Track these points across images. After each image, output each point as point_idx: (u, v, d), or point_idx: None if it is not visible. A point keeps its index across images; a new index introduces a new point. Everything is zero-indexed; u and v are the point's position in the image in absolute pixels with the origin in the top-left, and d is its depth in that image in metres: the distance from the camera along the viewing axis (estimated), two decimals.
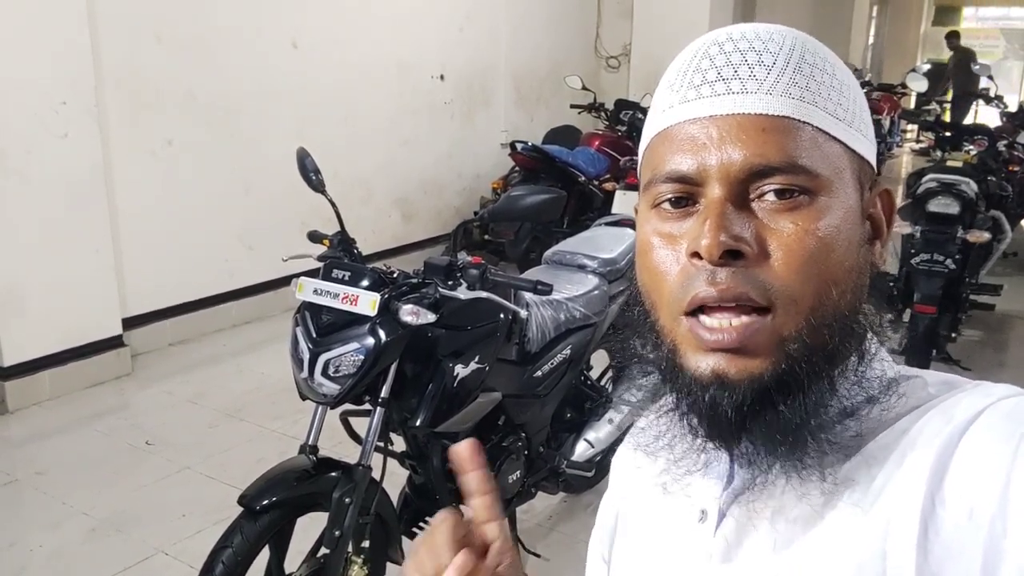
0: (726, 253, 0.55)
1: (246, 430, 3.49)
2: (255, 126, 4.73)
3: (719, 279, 0.56)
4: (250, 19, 4.64)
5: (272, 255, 4.26)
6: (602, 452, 2.66)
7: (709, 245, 0.55)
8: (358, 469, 1.92)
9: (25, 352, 3.67)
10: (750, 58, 0.59)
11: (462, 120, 6.50)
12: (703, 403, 0.58)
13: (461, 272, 2.00)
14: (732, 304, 0.56)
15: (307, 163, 2.10)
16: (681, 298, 0.58)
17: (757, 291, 0.56)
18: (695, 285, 0.57)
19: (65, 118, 3.67)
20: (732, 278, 0.56)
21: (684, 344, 0.59)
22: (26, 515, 2.89)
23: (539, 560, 2.55)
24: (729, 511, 0.63)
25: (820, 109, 0.58)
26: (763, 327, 0.56)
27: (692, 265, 0.57)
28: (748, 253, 0.56)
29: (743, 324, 0.56)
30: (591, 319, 2.51)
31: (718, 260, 0.55)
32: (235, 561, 1.77)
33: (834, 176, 0.58)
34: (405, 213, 6.04)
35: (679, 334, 0.59)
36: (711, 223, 0.56)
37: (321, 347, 1.86)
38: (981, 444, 0.53)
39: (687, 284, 0.57)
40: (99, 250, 3.90)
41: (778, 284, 0.56)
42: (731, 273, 0.56)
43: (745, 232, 0.56)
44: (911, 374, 0.63)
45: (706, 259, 0.56)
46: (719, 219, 0.56)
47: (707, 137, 0.58)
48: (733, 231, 0.56)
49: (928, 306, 3.70)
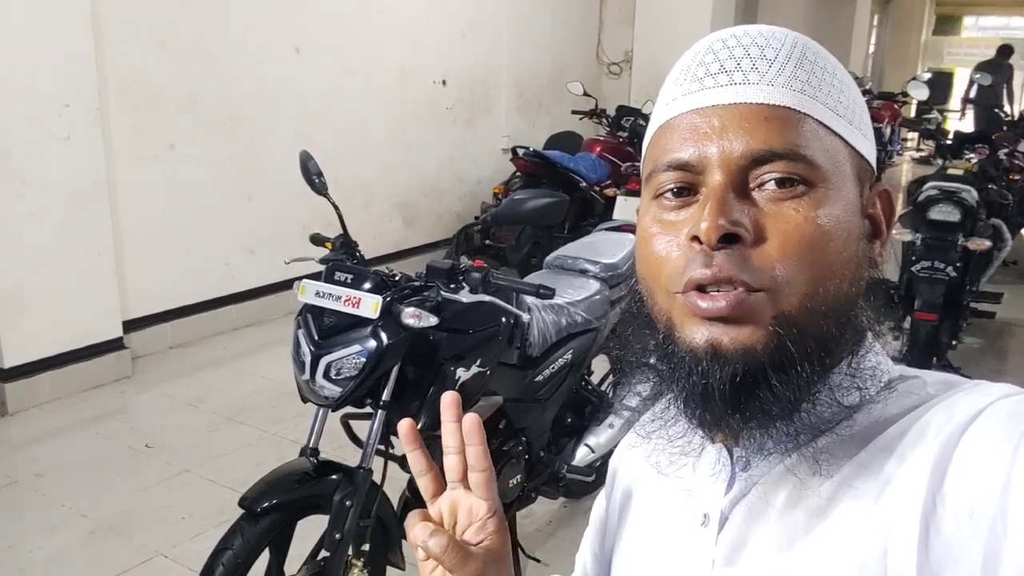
0: (724, 237, 0.56)
1: (246, 434, 3.48)
2: (257, 131, 4.75)
3: (716, 263, 0.56)
4: (253, 25, 4.65)
5: (273, 259, 4.26)
6: (602, 457, 2.66)
7: (708, 228, 0.56)
8: (359, 472, 1.92)
9: (26, 354, 3.67)
10: (752, 52, 0.60)
11: (464, 125, 6.51)
12: (697, 376, 0.58)
13: (463, 275, 2.00)
14: (728, 287, 0.56)
15: (310, 166, 2.10)
16: (678, 279, 0.58)
17: (751, 275, 0.56)
18: (691, 267, 0.57)
19: (68, 121, 3.68)
20: (727, 261, 0.56)
21: (680, 316, 0.59)
22: (25, 517, 2.89)
23: (539, 565, 2.55)
24: (731, 515, 0.63)
25: (821, 103, 0.59)
26: (756, 300, 0.56)
27: (690, 248, 0.58)
28: (745, 237, 0.56)
29: (734, 293, 0.56)
30: (592, 324, 2.52)
31: (716, 244, 0.56)
32: (235, 563, 1.77)
33: (834, 168, 0.59)
34: (406, 218, 6.05)
35: (675, 308, 0.59)
36: (711, 207, 0.57)
37: (323, 349, 1.86)
38: (981, 443, 0.53)
39: (684, 267, 0.58)
40: (100, 253, 3.91)
41: (773, 269, 0.56)
42: (727, 256, 0.56)
43: (744, 218, 0.57)
44: (910, 374, 0.64)
45: (704, 243, 0.56)
46: (719, 204, 0.57)
47: (709, 126, 0.59)
48: (732, 216, 0.56)
49: (929, 313, 3.70)
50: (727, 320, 0.57)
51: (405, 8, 5.73)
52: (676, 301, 0.59)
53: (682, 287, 0.58)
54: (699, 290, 0.57)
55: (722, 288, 0.56)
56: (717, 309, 0.56)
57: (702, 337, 0.58)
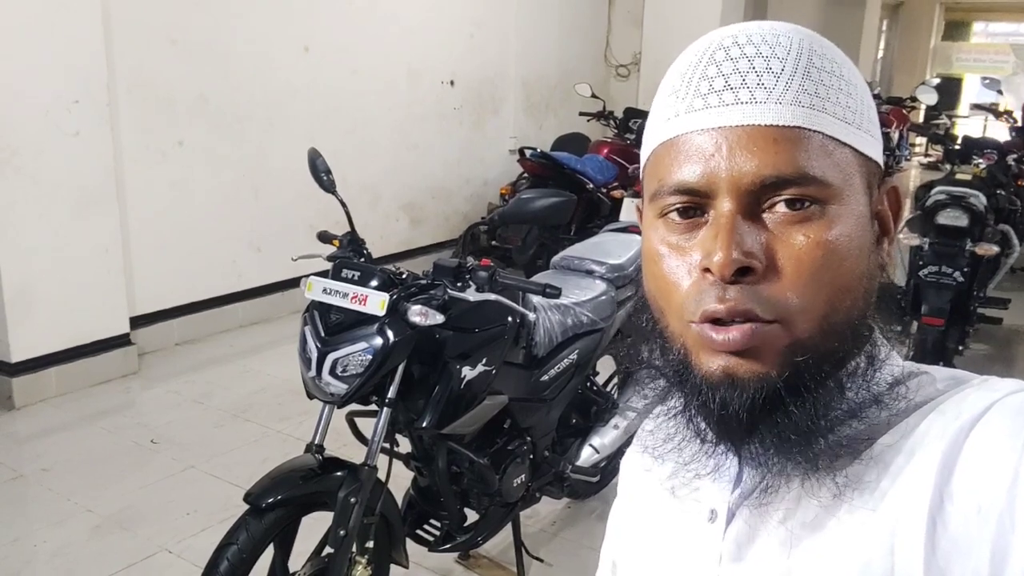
0: (738, 270, 0.55)
1: (251, 431, 3.49)
2: (265, 129, 4.76)
3: (728, 296, 0.56)
4: (262, 24, 4.67)
5: (280, 257, 4.27)
6: (607, 458, 2.66)
7: (721, 264, 0.55)
8: (364, 469, 1.92)
9: (33, 349, 3.69)
10: (758, 64, 0.58)
11: (471, 126, 6.52)
12: (713, 404, 0.58)
13: (470, 274, 2.00)
14: (740, 320, 0.56)
15: (318, 164, 2.11)
16: (692, 310, 0.58)
17: (764, 308, 0.56)
18: (705, 300, 0.57)
19: (77, 117, 3.69)
20: (741, 295, 0.56)
21: (695, 346, 0.59)
22: (31, 511, 2.90)
23: (542, 565, 2.55)
24: (739, 511, 0.64)
25: (830, 115, 0.58)
26: (769, 333, 0.56)
27: (704, 279, 0.57)
28: (758, 269, 0.56)
29: (748, 328, 0.56)
30: (598, 324, 2.51)
31: (730, 278, 0.56)
32: (240, 558, 1.77)
33: (844, 184, 0.58)
34: (413, 218, 6.06)
35: (689, 337, 0.59)
36: (723, 239, 0.56)
37: (329, 346, 1.86)
38: (989, 439, 0.53)
39: (698, 298, 0.57)
40: (108, 249, 3.92)
41: (787, 300, 0.56)
42: (739, 290, 0.56)
43: (756, 246, 0.56)
44: (919, 371, 0.63)
45: (718, 276, 0.56)
46: (731, 235, 0.56)
47: (716, 148, 0.57)
48: (744, 246, 0.56)
49: (936, 318, 3.68)
50: (741, 353, 0.57)
51: (413, 9, 5.74)
52: (690, 330, 0.59)
53: (697, 318, 0.58)
54: (713, 322, 0.57)
55: (736, 320, 0.56)
56: (733, 343, 0.56)
57: (718, 367, 0.58)
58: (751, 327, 0.56)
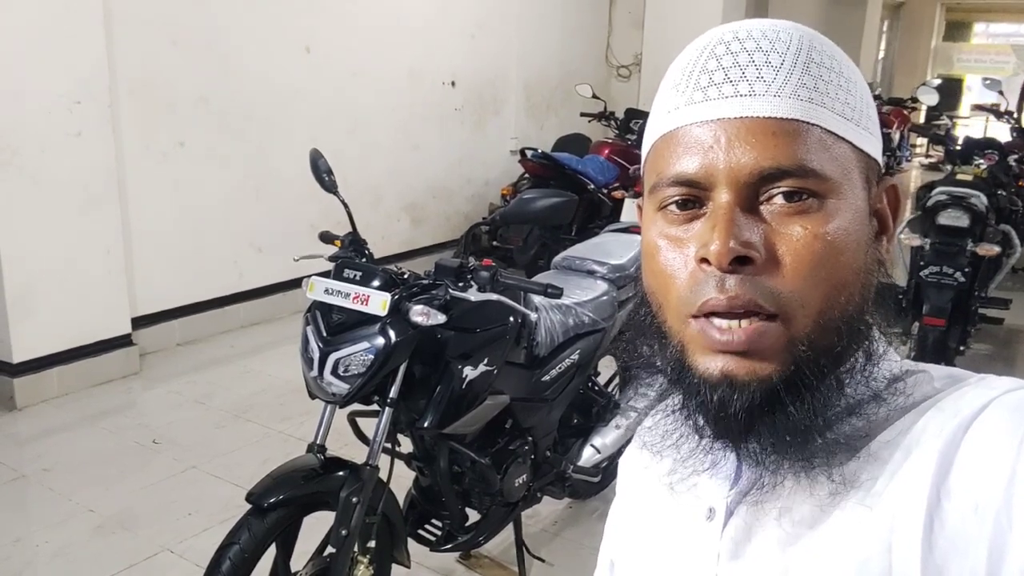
0: (735, 259, 0.55)
1: (253, 431, 3.50)
2: (266, 130, 4.77)
3: (728, 286, 0.56)
4: (264, 24, 4.67)
5: (281, 258, 4.28)
6: (608, 458, 2.66)
7: (719, 252, 0.55)
8: (366, 469, 1.92)
9: (35, 349, 3.69)
10: (757, 58, 0.58)
11: (472, 127, 6.52)
12: (712, 403, 0.58)
13: (472, 274, 2.00)
14: (741, 311, 0.56)
15: (320, 164, 2.11)
16: (691, 302, 0.58)
17: (765, 298, 0.56)
18: (705, 291, 0.57)
19: (79, 117, 3.70)
20: (741, 285, 0.55)
21: (693, 345, 0.59)
22: (32, 511, 2.90)
23: (543, 565, 2.55)
24: (737, 509, 0.64)
25: (828, 110, 0.58)
26: (771, 331, 0.56)
27: (701, 270, 0.57)
28: (757, 259, 0.56)
29: (752, 328, 0.56)
30: (600, 324, 2.52)
31: (727, 267, 0.55)
32: (242, 558, 1.77)
33: (843, 178, 0.58)
34: (414, 218, 6.06)
35: (688, 335, 0.59)
36: (720, 229, 0.56)
37: (331, 346, 1.87)
38: (986, 438, 0.53)
39: (696, 289, 0.57)
40: (110, 250, 3.93)
41: (787, 290, 0.56)
42: (740, 280, 0.56)
43: (754, 237, 0.56)
44: (916, 368, 0.64)
45: (715, 266, 0.56)
46: (729, 225, 0.56)
47: (714, 140, 0.57)
48: (742, 237, 0.55)
49: (937, 318, 3.69)
50: (741, 353, 0.57)
51: (415, 9, 5.75)
52: (689, 327, 0.58)
53: (695, 310, 0.57)
54: (714, 314, 0.57)
55: (736, 314, 0.56)
56: (736, 343, 0.56)
57: (716, 368, 0.57)
58: (754, 327, 0.56)
